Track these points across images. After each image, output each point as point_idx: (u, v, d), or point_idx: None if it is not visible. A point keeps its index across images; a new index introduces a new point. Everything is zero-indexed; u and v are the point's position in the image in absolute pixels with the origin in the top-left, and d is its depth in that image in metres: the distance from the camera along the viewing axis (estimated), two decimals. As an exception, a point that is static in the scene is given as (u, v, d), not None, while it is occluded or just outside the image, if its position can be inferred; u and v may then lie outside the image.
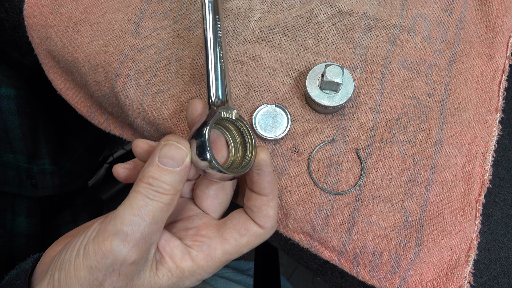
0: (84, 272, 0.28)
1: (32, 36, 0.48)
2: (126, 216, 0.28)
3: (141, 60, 0.44)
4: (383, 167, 0.40)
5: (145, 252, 0.29)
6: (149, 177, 0.30)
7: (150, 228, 0.29)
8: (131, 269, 0.29)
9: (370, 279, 0.38)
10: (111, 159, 1.24)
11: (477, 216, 0.39)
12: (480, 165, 0.40)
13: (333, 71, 0.37)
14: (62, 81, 0.49)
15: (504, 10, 0.43)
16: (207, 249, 0.32)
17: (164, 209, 0.30)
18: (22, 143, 0.55)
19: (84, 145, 0.72)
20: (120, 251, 0.28)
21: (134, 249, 0.28)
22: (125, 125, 0.49)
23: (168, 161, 0.30)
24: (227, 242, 0.33)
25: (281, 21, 0.44)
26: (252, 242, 0.34)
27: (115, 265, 0.28)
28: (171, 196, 0.30)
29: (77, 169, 0.69)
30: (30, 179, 0.55)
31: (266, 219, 0.34)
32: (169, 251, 0.32)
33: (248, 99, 0.42)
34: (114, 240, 0.28)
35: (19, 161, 0.55)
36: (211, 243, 0.33)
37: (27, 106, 0.57)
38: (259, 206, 0.34)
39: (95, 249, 0.28)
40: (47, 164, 0.59)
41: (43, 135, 0.59)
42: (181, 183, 0.31)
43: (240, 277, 0.66)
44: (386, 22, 0.43)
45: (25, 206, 0.55)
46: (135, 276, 0.29)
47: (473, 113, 0.41)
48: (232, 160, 0.37)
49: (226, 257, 0.33)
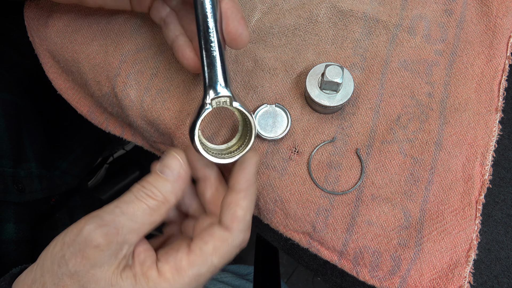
0: (58, 247, 0.30)
1: (33, 36, 0.48)
2: (110, 206, 0.31)
3: (141, 60, 0.44)
4: (383, 167, 0.40)
5: (113, 244, 0.30)
6: (145, 181, 0.32)
7: (126, 224, 0.30)
8: (94, 254, 0.29)
9: (370, 279, 0.38)
10: (111, 159, 1.24)
11: (477, 216, 0.39)
12: (480, 165, 0.40)
13: (333, 71, 0.37)
14: (62, 81, 0.49)
15: (504, 10, 0.43)
16: (173, 261, 0.31)
17: (146, 211, 0.31)
18: (9, 146, 0.54)
19: (82, 146, 0.72)
20: (88, 230, 0.29)
21: (101, 234, 0.29)
22: (125, 125, 0.49)
23: (165, 170, 0.32)
24: (193, 253, 0.32)
25: (281, 21, 0.44)
26: (220, 248, 0.32)
27: (81, 243, 0.29)
28: (157, 202, 0.31)
29: (73, 169, 0.68)
30: (16, 184, 0.54)
31: (232, 219, 0.32)
32: (142, 258, 0.32)
33: (248, 99, 0.42)
34: (89, 221, 0.30)
35: (5, 166, 0.53)
36: (177, 254, 0.32)
37: (11, 109, 0.55)
38: (228, 202, 0.33)
39: (73, 227, 0.30)
40: (33, 168, 0.57)
41: (28, 138, 0.58)
42: (172, 194, 0.32)
43: (239, 282, 0.65)
44: (386, 22, 0.44)
45: (12, 212, 0.53)
46: (97, 265, 0.29)
47: (473, 113, 0.41)
48: (231, 145, 0.38)
49: (194, 270, 0.31)
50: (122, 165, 1.28)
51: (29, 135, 0.59)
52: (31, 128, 0.59)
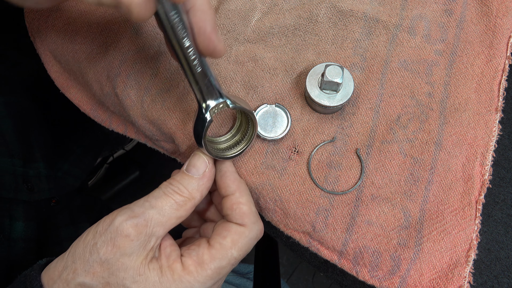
0: (90, 236, 0.32)
1: (34, 36, 0.48)
2: (140, 201, 0.33)
3: (141, 60, 0.44)
4: (383, 167, 0.40)
5: (142, 235, 0.31)
6: (172, 179, 0.35)
7: (155, 217, 0.32)
8: (124, 244, 0.31)
9: (370, 279, 0.38)
10: (111, 159, 1.24)
11: (477, 216, 0.39)
12: (480, 165, 0.40)
13: (333, 71, 0.37)
14: (64, 80, 0.49)
15: (504, 10, 0.43)
16: (195, 255, 0.34)
17: (173, 206, 0.33)
18: (18, 147, 0.55)
19: (82, 146, 0.72)
20: (120, 220, 0.31)
21: (132, 225, 0.31)
22: (128, 123, 0.49)
23: (191, 169, 0.35)
24: (213, 247, 0.34)
25: (281, 21, 0.44)
26: (238, 241, 0.34)
27: (112, 233, 0.31)
28: (183, 198, 0.34)
29: (74, 170, 0.69)
30: (26, 183, 0.56)
31: (243, 216, 0.35)
32: (168, 252, 0.34)
33: (248, 99, 0.42)
34: (120, 212, 0.32)
35: (16, 165, 0.55)
36: (199, 249, 0.34)
37: (17, 110, 0.57)
38: (230, 207, 0.35)
39: (106, 218, 0.32)
40: (41, 168, 0.59)
41: (35, 139, 0.59)
42: (198, 192, 0.34)
43: (239, 281, 0.66)
44: (386, 22, 0.44)
45: (22, 210, 0.55)
46: (127, 254, 0.31)
47: (473, 113, 0.41)
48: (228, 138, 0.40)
49: (215, 263, 0.33)
50: (122, 165, 1.28)
51: (36, 135, 0.60)
52: (37, 128, 0.60)
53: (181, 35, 0.31)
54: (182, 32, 0.31)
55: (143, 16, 0.30)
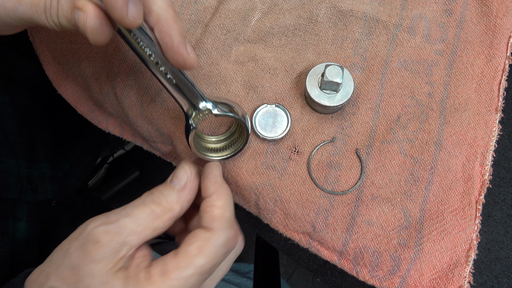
0: (67, 240, 0.31)
1: (33, 36, 0.48)
2: (118, 209, 0.32)
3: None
4: (383, 167, 0.40)
5: (113, 243, 0.31)
6: (155, 189, 0.34)
7: (129, 225, 0.31)
8: (94, 250, 0.30)
9: (370, 279, 0.38)
10: (111, 159, 1.24)
11: (477, 216, 0.39)
12: (480, 165, 0.40)
13: (333, 71, 0.37)
14: (62, 80, 0.49)
15: (504, 10, 0.43)
16: (161, 264, 0.32)
17: (150, 216, 0.32)
18: (22, 148, 0.55)
19: (82, 146, 0.72)
20: (92, 227, 0.31)
21: (103, 231, 0.30)
22: (125, 125, 0.49)
23: (174, 179, 0.34)
24: (179, 255, 0.32)
25: (281, 21, 0.44)
26: (204, 248, 0.32)
27: (84, 238, 0.30)
28: (161, 208, 0.32)
29: (75, 171, 0.69)
30: (30, 183, 0.56)
31: (212, 220, 0.33)
32: (138, 262, 0.33)
33: (248, 99, 0.42)
34: (95, 218, 0.31)
35: (20, 166, 0.55)
36: (165, 259, 0.32)
37: (21, 111, 0.57)
38: (204, 209, 0.34)
39: (83, 224, 0.32)
40: (45, 168, 0.59)
41: (39, 139, 0.59)
42: (177, 203, 0.33)
43: (240, 280, 0.66)
44: (386, 22, 0.44)
45: (26, 211, 0.55)
46: (96, 261, 0.30)
47: (473, 113, 0.41)
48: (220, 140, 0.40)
49: (179, 272, 0.31)
50: (122, 165, 1.28)
51: (39, 136, 0.60)
52: (41, 129, 0.60)
53: (147, 52, 0.32)
54: (147, 50, 0.32)
55: (100, 40, 0.31)
